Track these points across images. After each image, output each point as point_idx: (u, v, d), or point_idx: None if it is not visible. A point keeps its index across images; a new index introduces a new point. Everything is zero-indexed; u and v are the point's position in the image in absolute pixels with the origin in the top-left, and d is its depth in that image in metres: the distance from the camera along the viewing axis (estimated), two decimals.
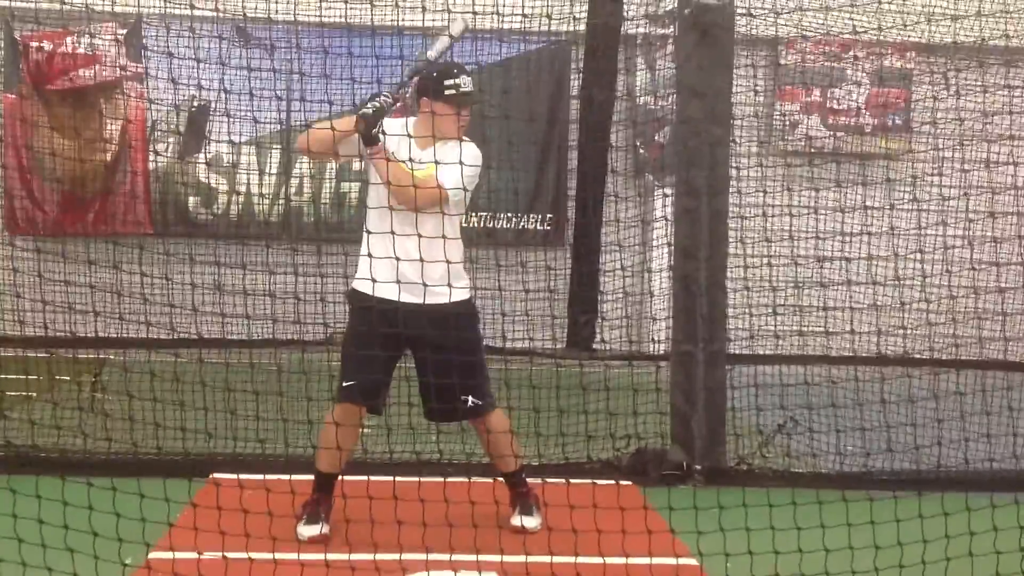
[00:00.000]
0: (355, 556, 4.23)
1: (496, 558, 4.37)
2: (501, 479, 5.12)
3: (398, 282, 4.70)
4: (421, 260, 4.66)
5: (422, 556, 4.33)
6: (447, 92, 4.83)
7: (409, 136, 4.78)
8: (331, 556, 4.32)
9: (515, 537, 4.84)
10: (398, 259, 4.69)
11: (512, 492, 5.15)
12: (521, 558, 4.36)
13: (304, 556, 4.34)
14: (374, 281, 4.73)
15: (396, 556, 4.27)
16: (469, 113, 4.96)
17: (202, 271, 6.95)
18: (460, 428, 5.46)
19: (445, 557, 4.28)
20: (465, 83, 4.87)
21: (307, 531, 4.84)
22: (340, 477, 4.93)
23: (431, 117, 4.86)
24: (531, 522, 5.09)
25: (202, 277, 6.75)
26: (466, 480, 4.70)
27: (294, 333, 7.32)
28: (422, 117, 4.91)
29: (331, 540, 4.78)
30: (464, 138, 4.94)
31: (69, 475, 4.28)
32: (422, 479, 4.91)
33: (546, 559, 4.39)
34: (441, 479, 4.74)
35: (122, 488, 4.15)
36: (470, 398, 4.90)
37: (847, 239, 7.12)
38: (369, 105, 4.63)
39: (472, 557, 4.31)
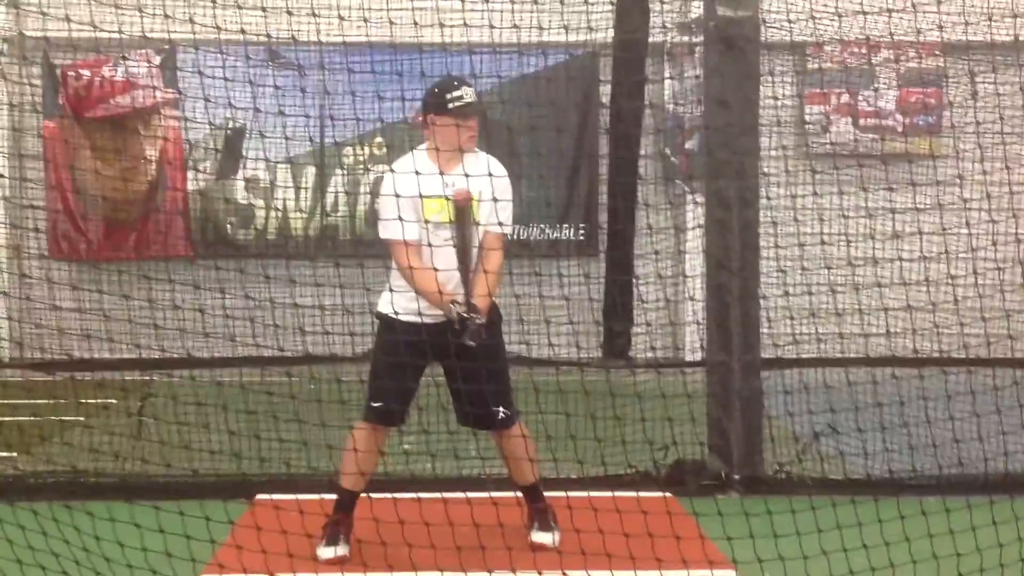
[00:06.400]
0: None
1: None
2: (520, 494, 5.08)
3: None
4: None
5: (436, 574, 4.33)
6: (450, 105, 4.83)
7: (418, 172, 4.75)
8: None
9: (552, 554, 4.74)
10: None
11: (530, 508, 5.08)
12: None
13: None
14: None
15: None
16: (476, 124, 4.91)
17: (242, 290, 7.01)
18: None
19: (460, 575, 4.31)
20: (467, 94, 4.87)
21: (325, 552, 4.79)
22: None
23: (438, 132, 4.84)
24: (549, 538, 4.99)
25: (243, 299, 6.81)
26: (463, 495, 4.69)
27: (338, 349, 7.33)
28: (433, 135, 4.89)
29: (349, 560, 4.75)
30: (476, 150, 4.94)
31: (110, 499, 4.37)
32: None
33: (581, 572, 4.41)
34: (451, 495, 4.75)
35: (171, 509, 4.25)
36: (500, 409, 4.86)
37: (884, 241, 7.05)
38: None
39: (484, 574, 4.33)
